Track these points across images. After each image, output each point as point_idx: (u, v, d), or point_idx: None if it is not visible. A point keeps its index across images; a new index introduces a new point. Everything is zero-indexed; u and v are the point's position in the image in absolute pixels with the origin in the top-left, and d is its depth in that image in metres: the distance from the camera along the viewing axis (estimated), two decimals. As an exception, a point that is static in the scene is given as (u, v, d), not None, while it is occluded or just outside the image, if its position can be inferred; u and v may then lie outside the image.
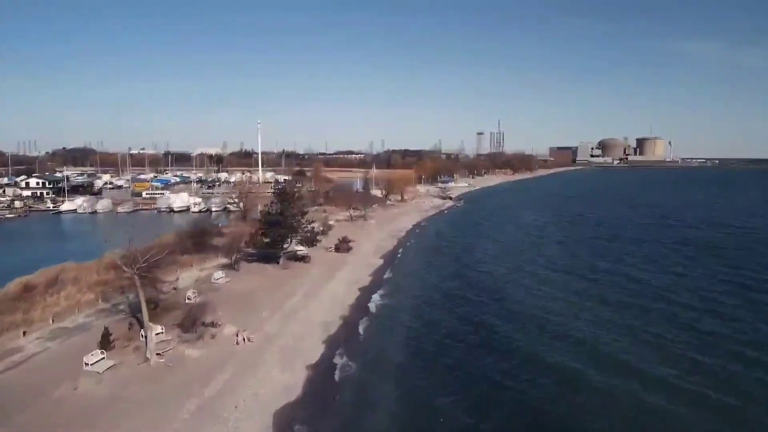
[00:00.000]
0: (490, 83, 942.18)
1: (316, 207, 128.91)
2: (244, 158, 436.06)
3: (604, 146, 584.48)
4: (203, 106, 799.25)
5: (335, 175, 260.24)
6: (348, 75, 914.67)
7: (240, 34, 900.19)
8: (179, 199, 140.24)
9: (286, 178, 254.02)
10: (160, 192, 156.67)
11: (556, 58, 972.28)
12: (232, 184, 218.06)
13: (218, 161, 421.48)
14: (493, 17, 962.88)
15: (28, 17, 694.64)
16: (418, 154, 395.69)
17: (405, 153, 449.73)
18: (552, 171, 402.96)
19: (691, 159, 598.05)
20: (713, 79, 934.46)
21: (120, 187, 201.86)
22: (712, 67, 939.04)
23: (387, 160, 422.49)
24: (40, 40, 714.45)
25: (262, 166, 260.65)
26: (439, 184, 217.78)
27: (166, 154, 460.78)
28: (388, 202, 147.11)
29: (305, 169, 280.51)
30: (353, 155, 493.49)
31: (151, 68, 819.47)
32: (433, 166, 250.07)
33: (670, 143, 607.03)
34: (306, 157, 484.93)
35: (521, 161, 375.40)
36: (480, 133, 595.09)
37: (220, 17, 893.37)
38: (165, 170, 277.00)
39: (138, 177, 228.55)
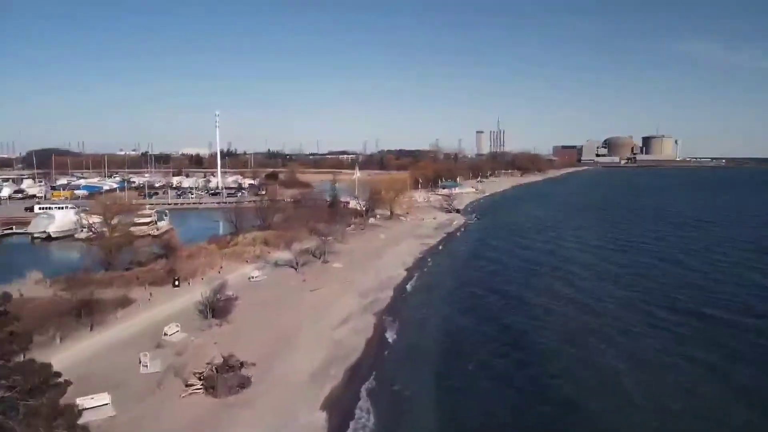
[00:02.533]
0: (488, 80, 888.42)
1: (254, 233, 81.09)
2: (226, 158, 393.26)
3: (610, 145, 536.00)
4: (193, 107, 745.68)
5: (321, 177, 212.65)
6: (342, 73, 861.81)
7: (230, 32, 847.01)
8: (59, 221, 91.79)
9: (252, 182, 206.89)
10: (45, 208, 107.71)
11: (555, 54, 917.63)
12: (184, 190, 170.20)
13: (197, 162, 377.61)
14: (492, 13, 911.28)
15: (23, 18, 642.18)
16: (414, 155, 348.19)
17: (400, 153, 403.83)
18: (562, 172, 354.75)
19: (697, 158, 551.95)
20: (717, 79, 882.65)
21: (33, 197, 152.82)
22: (715, 67, 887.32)
23: (380, 160, 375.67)
24: (32, 41, 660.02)
25: (224, 168, 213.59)
26: (441, 191, 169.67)
27: (144, 154, 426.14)
28: (372, 220, 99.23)
29: (280, 170, 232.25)
30: (345, 156, 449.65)
31: (141, 69, 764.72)
32: (432, 167, 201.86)
33: (676, 142, 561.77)
34: (292, 157, 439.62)
35: (529, 161, 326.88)
36: (479, 132, 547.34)
37: (212, 18, 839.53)
38: (115, 173, 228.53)
39: (63, 184, 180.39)
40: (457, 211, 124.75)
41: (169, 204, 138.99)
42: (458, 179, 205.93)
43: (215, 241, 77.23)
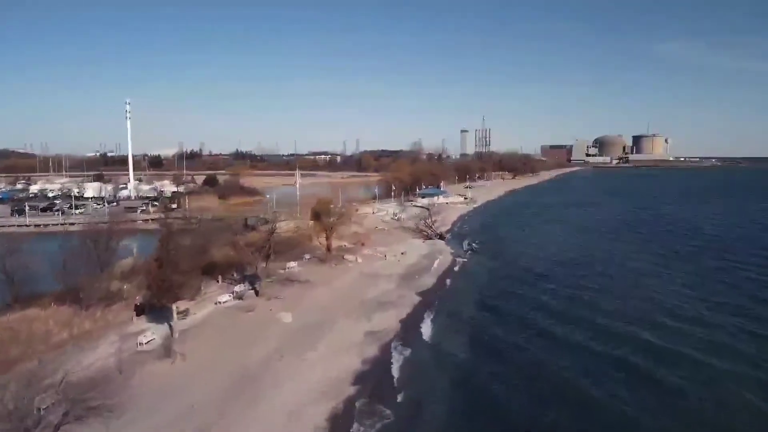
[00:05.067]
0: (473, 78, 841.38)
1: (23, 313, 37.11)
2: (186, 160, 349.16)
3: (601, 144, 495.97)
4: (164, 107, 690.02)
5: (284, 181, 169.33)
6: (322, 72, 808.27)
7: (208, 30, 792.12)
8: None
9: (177, 189, 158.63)
10: None
11: (542, 53, 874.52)
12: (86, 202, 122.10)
13: (157, 164, 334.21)
14: (477, 11, 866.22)
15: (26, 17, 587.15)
16: (396, 155, 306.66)
17: (381, 154, 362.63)
18: (555, 173, 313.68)
19: (688, 158, 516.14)
20: (704, 78, 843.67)
21: None
22: (701, 66, 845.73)
23: (358, 161, 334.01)
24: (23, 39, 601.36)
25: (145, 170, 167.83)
26: (420, 200, 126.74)
27: (103, 155, 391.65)
28: (292, 265, 55.55)
29: (223, 173, 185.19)
30: (324, 156, 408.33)
31: (127, 69, 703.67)
32: (408, 170, 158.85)
33: (666, 141, 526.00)
34: (263, 158, 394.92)
35: (520, 161, 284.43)
36: (464, 131, 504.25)
37: (194, 19, 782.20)
38: (23, 178, 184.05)
39: None
40: (441, 236, 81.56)
41: (27, 226, 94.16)
42: (442, 184, 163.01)
43: None
